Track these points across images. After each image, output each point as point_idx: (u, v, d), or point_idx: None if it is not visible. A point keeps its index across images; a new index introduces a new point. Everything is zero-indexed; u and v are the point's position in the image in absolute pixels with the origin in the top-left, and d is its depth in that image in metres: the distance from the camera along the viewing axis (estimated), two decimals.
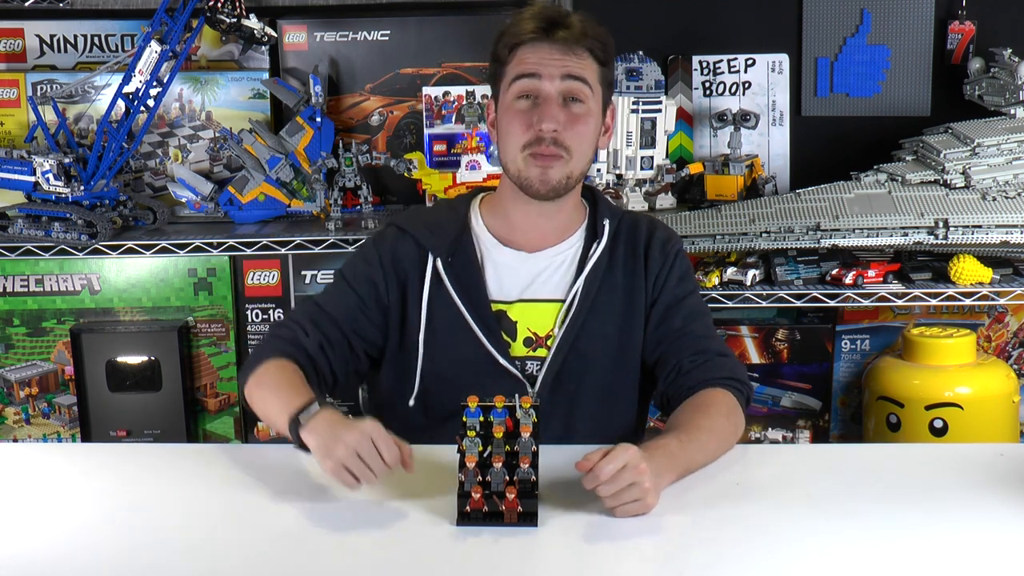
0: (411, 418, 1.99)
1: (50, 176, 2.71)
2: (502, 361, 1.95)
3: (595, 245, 2.00)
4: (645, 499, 1.58)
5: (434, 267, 1.97)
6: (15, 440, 2.99)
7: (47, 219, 2.75)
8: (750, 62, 3.02)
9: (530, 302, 1.99)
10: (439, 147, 2.90)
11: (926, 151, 2.76)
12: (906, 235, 2.61)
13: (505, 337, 1.97)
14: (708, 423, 1.80)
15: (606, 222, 2.02)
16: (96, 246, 2.73)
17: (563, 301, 1.98)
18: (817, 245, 2.63)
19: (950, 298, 2.65)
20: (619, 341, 1.99)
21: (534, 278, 1.99)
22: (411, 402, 1.99)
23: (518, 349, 1.98)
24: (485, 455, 1.56)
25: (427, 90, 2.89)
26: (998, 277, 2.65)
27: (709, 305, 2.63)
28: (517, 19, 1.95)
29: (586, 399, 1.97)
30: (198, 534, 1.57)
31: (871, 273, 2.66)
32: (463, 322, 1.95)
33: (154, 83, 2.68)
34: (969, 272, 2.62)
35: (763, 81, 3.03)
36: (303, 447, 1.72)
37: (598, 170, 2.83)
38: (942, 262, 2.69)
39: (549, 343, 1.97)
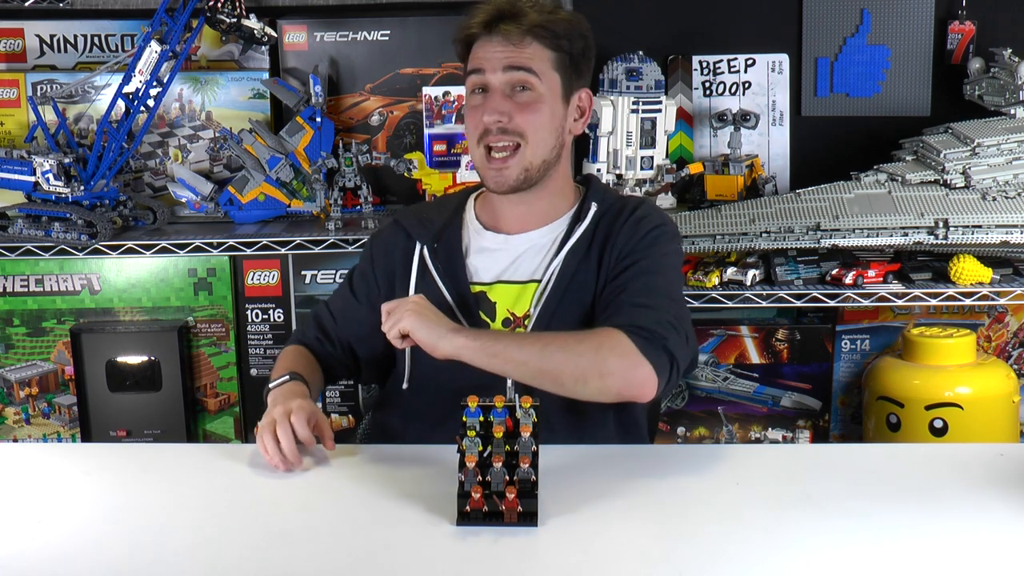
0: (407, 403, 2.04)
1: (50, 176, 2.71)
2: None
3: (576, 227, 2.01)
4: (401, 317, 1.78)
5: (420, 254, 2.05)
6: (15, 440, 2.99)
7: (47, 219, 2.75)
8: (750, 62, 3.02)
9: (509, 283, 2.02)
10: (439, 147, 2.90)
11: (926, 151, 2.76)
12: (906, 235, 2.61)
13: (484, 317, 2.00)
14: (548, 336, 1.84)
15: (593, 205, 2.03)
16: (96, 246, 2.73)
17: (539, 281, 2.00)
18: (817, 245, 2.63)
19: (950, 298, 2.65)
20: (593, 321, 1.97)
21: (513, 260, 2.03)
22: (404, 385, 2.04)
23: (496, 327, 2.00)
24: (485, 455, 1.56)
25: (427, 90, 2.89)
26: (998, 277, 2.66)
27: (709, 305, 2.65)
28: (469, 16, 2.00)
29: None
30: (198, 534, 1.57)
31: (871, 273, 2.66)
32: (445, 304, 1.99)
33: (154, 83, 2.68)
34: (969, 272, 2.63)
35: (763, 81, 3.03)
36: None
37: (598, 170, 2.83)
38: (942, 262, 2.69)
39: (526, 323, 1.98)
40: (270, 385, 1.96)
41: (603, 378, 1.78)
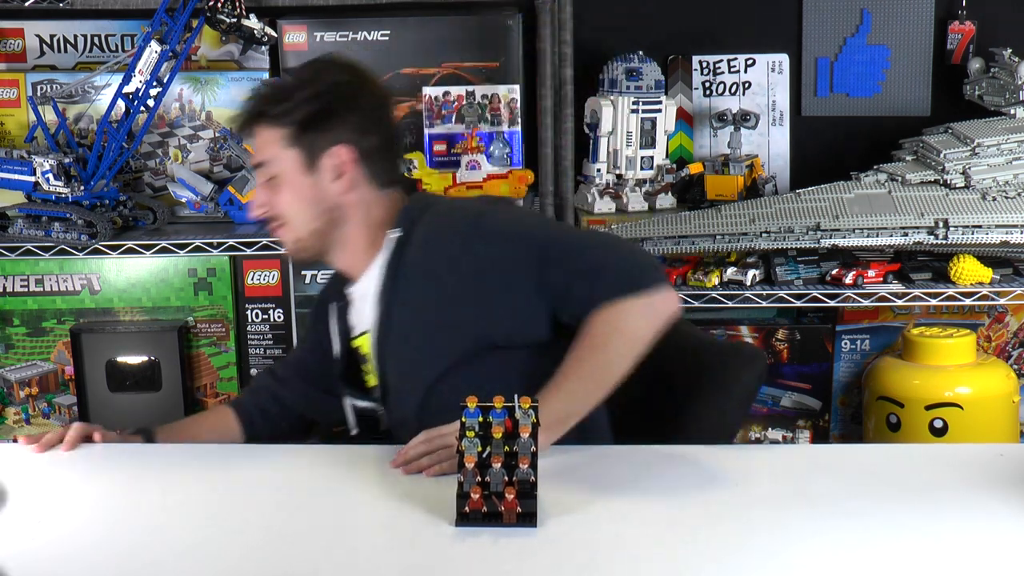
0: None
1: (50, 176, 2.71)
2: (353, 399, 2.04)
3: (378, 267, 1.96)
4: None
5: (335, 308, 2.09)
6: (15, 440, 2.99)
7: (47, 219, 2.75)
8: (750, 62, 3.02)
9: (362, 335, 2.03)
10: (439, 147, 2.90)
11: (926, 151, 2.76)
12: (906, 235, 2.61)
13: (364, 370, 2.04)
14: (584, 361, 1.79)
15: (394, 235, 1.94)
16: (96, 246, 2.73)
17: (368, 332, 1.99)
18: (817, 245, 2.63)
19: (950, 298, 2.65)
20: (418, 352, 1.91)
21: (360, 309, 2.02)
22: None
23: (372, 379, 2.02)
24: (484, 455, 1.56)
25: (427, 90, 2.89)
26: (998, 277, 2.66)
27: (709, 305, 2.65)
28: None
29: (412, 413, 1.89)
30: (198, 534, 1.57)
31: (871, 273, 2.66)
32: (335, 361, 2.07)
33: (154, 83, 2.68)
34: (969, 272, 2.62)
35: (763, 81, 3.03)
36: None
37: (598, 170, 2.84)
38: (942, 262, 2.69)
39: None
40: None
41: (646, 341, 1.81)
